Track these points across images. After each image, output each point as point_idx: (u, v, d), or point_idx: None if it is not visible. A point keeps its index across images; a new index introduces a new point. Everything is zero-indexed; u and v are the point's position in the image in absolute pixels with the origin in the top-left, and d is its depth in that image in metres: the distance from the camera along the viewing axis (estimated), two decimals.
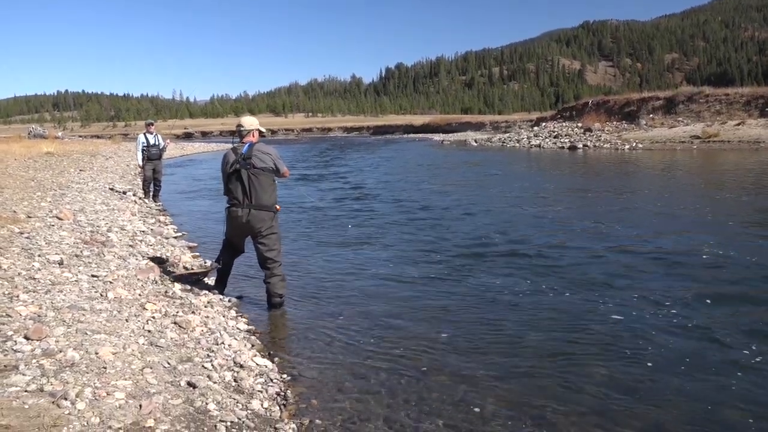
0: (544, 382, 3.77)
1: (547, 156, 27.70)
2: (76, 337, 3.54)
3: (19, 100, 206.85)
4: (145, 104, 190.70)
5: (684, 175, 16.81)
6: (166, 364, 3.51)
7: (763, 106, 30.92)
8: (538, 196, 12.69)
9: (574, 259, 6.89)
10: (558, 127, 40.00)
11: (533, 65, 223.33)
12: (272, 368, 3.91)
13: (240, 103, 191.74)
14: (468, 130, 79.61)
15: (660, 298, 5.30)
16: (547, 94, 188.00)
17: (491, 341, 4.47)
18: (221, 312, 4.97)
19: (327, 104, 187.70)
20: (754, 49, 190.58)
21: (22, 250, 5.33)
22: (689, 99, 34.37)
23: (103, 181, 14.60)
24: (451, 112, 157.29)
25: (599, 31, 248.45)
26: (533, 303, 5.35)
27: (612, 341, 4.37)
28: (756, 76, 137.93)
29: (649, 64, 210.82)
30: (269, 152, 5.10)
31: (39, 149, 21.23)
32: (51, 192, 10.28)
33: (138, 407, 2.88)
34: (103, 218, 8.42)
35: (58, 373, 3.02)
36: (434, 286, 5.97)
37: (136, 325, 4.03)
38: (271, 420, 3.19)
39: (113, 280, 5.00)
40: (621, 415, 3.33)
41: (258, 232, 5.11)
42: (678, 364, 3.95)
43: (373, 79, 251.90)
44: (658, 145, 29.10)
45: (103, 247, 6.23)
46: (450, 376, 3.85)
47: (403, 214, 10.68)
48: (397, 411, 3.40)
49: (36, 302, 3.98)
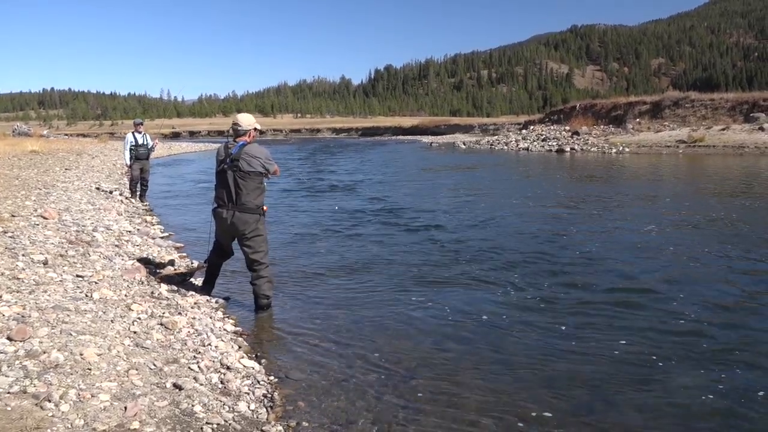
0: (532, 382, 3.78)
1: (535, 159, 27.85)
2: (60, 338, 3.50)
3: (4, 97, 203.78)
4: (132, 103, 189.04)
5: (676, 179, 16.98)
6: (152, 366, 3.48)
7: (747, 111, 31.36)
8: (525, 199, 12.75)
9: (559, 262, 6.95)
10: (546, 130, 40.25)
11: (522, 68, 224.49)
12: (259, 370, 3.89)
13: (228, 103, 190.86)
14: (457, 133, 79.95)
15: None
16: (535, 97, 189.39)
17: (480, 342, 4.48)
18: (208, 313, 4.94)
19: (316, 105, 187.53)
20: (739, 54, 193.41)
21: (5, 249, 5.26)
22: (675, 104, 34.78)
23: (89, 180, 14.46)
24: (440, 114, 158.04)
25: (587, 35, 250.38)
26: (524, 303, 5.38)
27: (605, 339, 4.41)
28: (741, 81, 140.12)
29: (636, 69, 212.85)
30: (259, 156, 4.98)
31: (24, 147, 21.00)
32: (35, 191, 10.17)
33: (123, 409, 2.86)
34: (89, 218, 8.34)
35: (41, 375, 2.99)
36: (423, 287, 5.97)
37: (122, 326, 3.99)
38: (258, 422, 3.17)
39: (99, 280, 4.95)
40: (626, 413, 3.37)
41: (243, 234, 5.07)
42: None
43: (362, 80, 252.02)
44: (645, 149, 29.39)
45: (88, 247, 6.17)
46: (438, 378, 3.85)
47: (391, 215, 10.68)
48: (384, 413, 3.40)
49: (20, 302, 3.93)
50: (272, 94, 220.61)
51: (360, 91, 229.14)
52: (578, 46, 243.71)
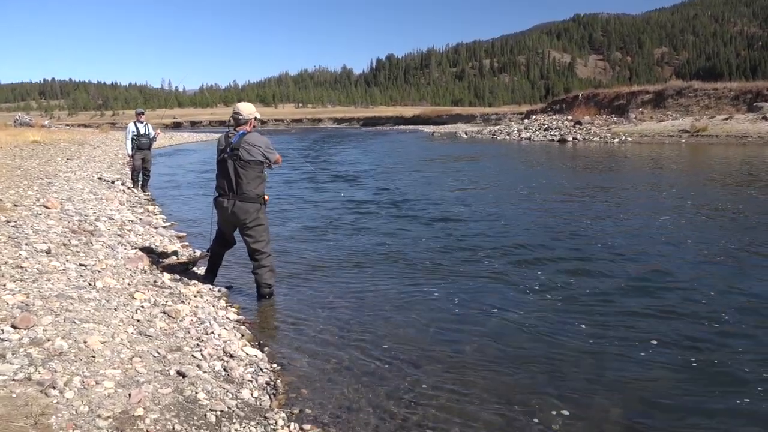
0: (534, 372, 3.80)
1: (538, 149, 27.76)
2: (64, 326, 3.51)
3: (5, 87, 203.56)
4: (133, 93, 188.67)
5: (680, 169, 16.92)
6: (156, 354, 3.50)
7: (750, 101, 31.21)
8: (529, 191, 12.73)
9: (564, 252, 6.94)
10: (548, 119, 40.18)
11: (524, 58, 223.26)
12: (262, 358, 3.91)
13: (230, 93, 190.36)
14: (458, 122, 79.86)
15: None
16: (537, 86, 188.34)
17: (488, 336, 4.45)
18: (211, 302, 4.96)
19: (317, 95, 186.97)
20: (743, 43, 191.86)
21: (8, 238, 5.27)
22: (678, 93, 34.63)
23: (91, 170, 14.46)
24: (442, 103, 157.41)
25: (590, 25, 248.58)
26: (537, 297, 5.38)
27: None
28: (744, 70, 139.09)
29: (639, 58, 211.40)
30: (259, 144, 4.97)
31: (25, 138, 20.97)
32: (38, 181, 10.17)
33: (127, 396, 2.88)
34: (91, 207, 8.35)
35: (46, 362, 3.01)
36: (430, 278, 5.95)
37: (125, 315, 4.01)
38: (261, 409, 3.19)
39: (101, 269, 4.96)
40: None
41: (243, 224, 5.07)
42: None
43: (363, 70, 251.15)
44: (647, 139, 29.29)
45: (91, 237, 6.18)
46: (441, 369, 3.85)
47: (397, 206, 10.66)
48: (387, 400, 3.41)
49: (23, 291, 3.95)
50: (273, 83, 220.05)
51: (361, 81, 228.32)
52: (581, 35, 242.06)
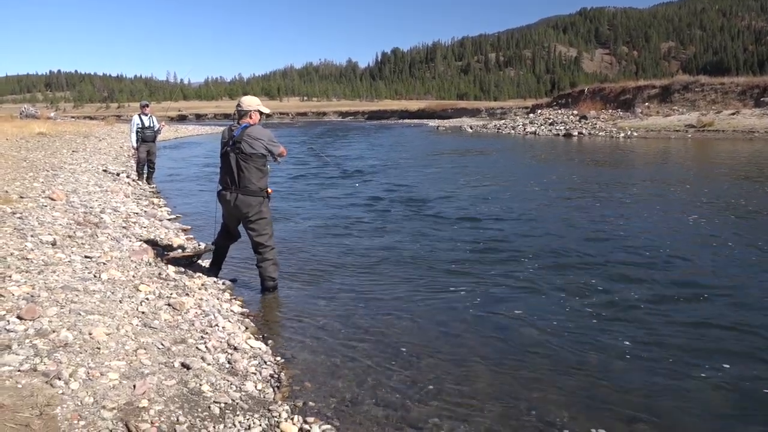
0: (537, 367, 3.80)
1: (543, 143, 27.67)
2: (69, 317, 3.53)
3: (11, 79, 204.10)
4: (138, 85, 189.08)
5: (690, 164, 16.84)
6: (160, 345, 3.52)
7: (758, 96, 30.95)
8: (534, 188, 12.69)
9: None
10: (553, 114, 39.95)
11: (530, 52, 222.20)
12: (266, 350, 3.92)
13: (235, 86, 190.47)
14: (464, 116, 79.46)
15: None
16: (543, 81, 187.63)
17: (497, 335, 4.39)
18: (215, 294, 4.98)
19: (322, 88, 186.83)
20: (751, 38, 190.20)
21: (14, 230, 5.30)
22: (685, 88, 34.35)
23: (97, 162, 14.50)
24: (447, 97, 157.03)
25: (596, 18, 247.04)
26: (555, 300, 5.36)
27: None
28: (752, 65, 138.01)
29: (646, 53, 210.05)
30: (261, 137, 4.94)
31: (31, 129, 21.04)
32: (43, 173, 10.21)
33: (132, 388, 2.89)
34: (97, 199, 8.37)
35: (51, 353, 3.02)
36: (434, 274, 5.91)
37: (130, 306, 4.03)
38: (265, 402, 3.21)
39: (107, 261, 4.98)
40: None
41: (246, 217, 5.08)
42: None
43: (368, 63, 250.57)
44: (653, 134, 29.13)
45: (96, 229, 6.20)
46: (446, 365, 3.84)
47: (406, 203, 10.55)
48: (390, 393, 3.42)
49: (29, 282, 3.97)
50: (278, 77, 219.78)
51: (366, 75, 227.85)
52: (587, 29, 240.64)
